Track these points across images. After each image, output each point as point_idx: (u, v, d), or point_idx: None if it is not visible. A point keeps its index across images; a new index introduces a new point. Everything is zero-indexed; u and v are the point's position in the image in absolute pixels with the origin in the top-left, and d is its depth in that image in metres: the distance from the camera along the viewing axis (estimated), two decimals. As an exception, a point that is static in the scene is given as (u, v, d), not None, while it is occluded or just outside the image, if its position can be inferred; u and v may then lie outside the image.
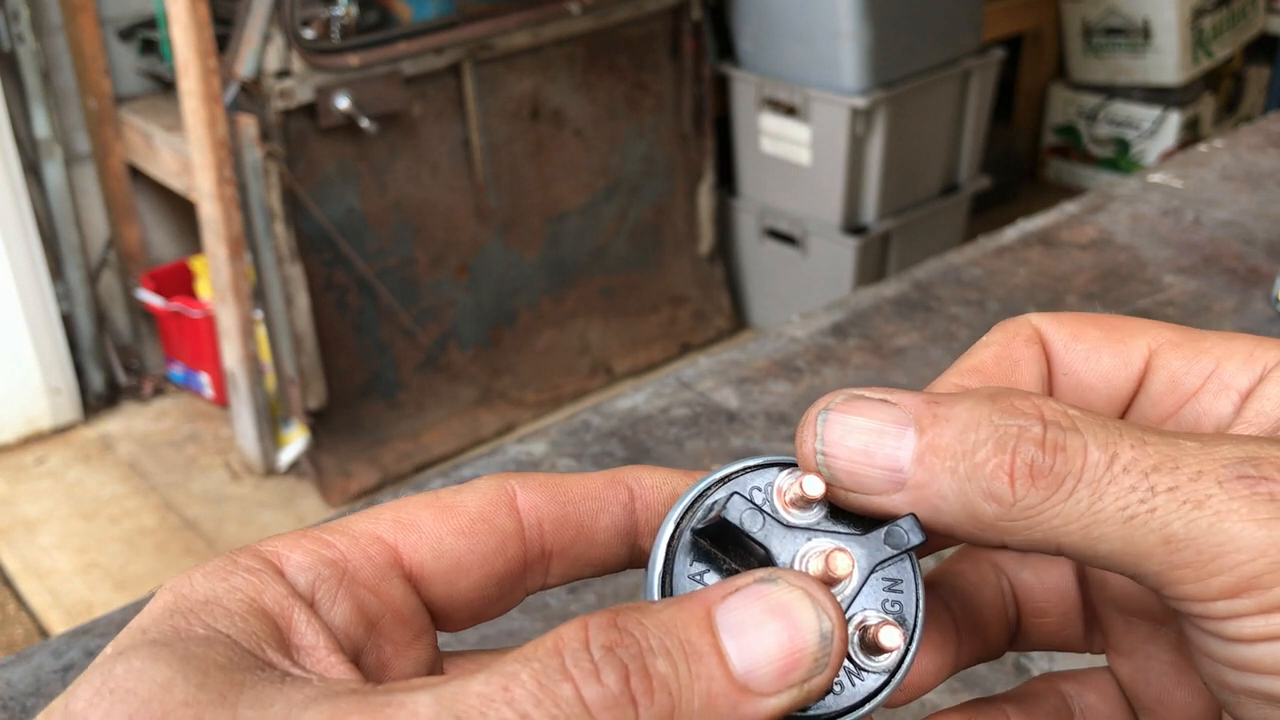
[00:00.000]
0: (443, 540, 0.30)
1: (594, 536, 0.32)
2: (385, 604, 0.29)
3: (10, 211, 2.76)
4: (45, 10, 2.76)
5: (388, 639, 0.29)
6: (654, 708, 0.24)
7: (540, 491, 0.32)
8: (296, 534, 0.29)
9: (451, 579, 0.30)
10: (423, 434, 2.84)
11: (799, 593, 0.26)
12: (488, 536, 0.31)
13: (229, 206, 2.49)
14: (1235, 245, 1.01)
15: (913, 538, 0.30)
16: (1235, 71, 3.86)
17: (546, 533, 0.32)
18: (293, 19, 2.39)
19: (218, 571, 0.27)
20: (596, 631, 0.24)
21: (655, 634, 0.25)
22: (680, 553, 0.30)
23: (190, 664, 0.24)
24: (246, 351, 2.66)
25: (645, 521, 0.33)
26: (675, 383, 0.84)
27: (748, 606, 0.26)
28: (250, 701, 0.23)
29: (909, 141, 2.97)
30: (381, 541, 0.30)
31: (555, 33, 2.79)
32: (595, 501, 0.32)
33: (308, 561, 0.28)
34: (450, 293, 2.85)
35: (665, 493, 0.33)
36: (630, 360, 3.18)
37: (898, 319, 0.91)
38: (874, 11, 2.75)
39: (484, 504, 0.31)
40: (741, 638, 0.25)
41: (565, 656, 0.24)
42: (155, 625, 0.26)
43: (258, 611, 0.27)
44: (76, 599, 2.43)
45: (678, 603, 0.26)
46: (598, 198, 3.04)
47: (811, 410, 0.29)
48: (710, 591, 0.26)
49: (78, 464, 2.86)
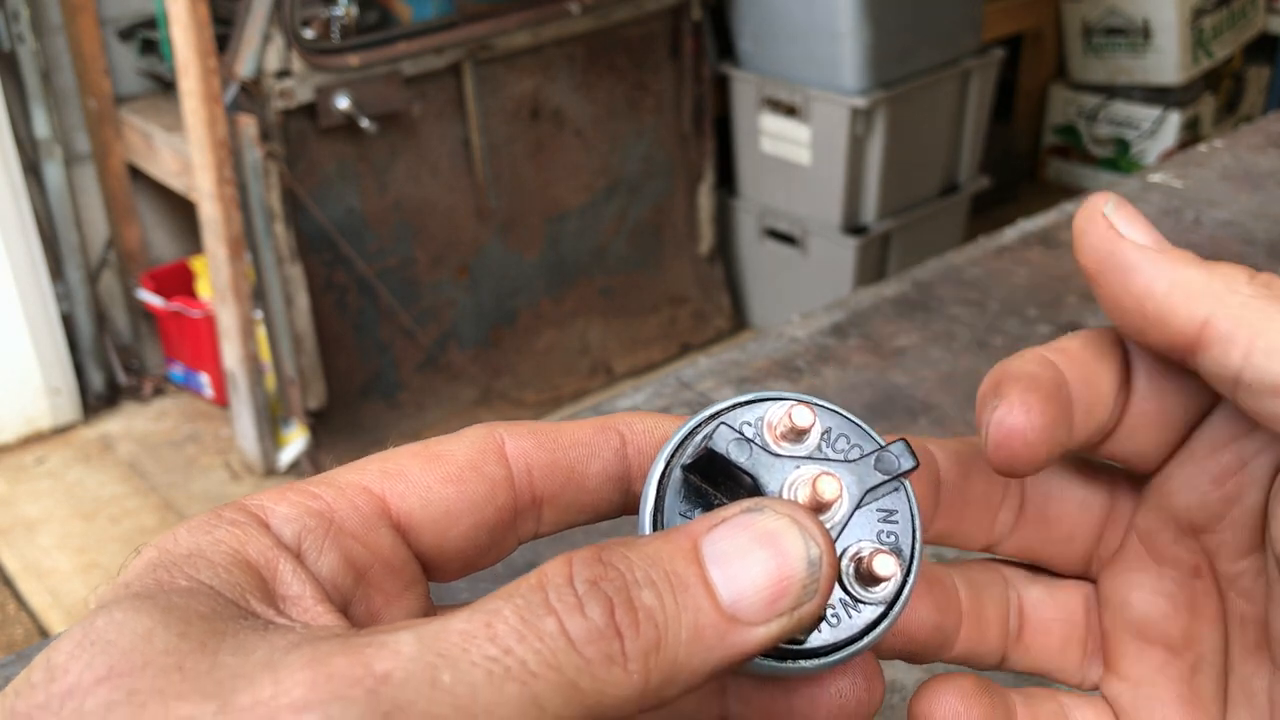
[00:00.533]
0: (431, 488, 0.30)
1: (585, 482, 0.32)
2: (374, 554, 0.29)
3: (10, 211, 2.76)
4: (45, 10, 2.76)
5: (377, 589, 0.29)
6: (640, 640, 0.23)
7: (529, 438, 0.31)
8: (282, 488, 0.29)
9: (441, 527, 0.30)
10: (423, 434, 2.81)
11: (785, 520, 0.26)
12: (476, 484, 0.30)
13: (229, 206, 2.49)
14: (1235, 245, 1.01)
15: (904, 463, 0.30)
16: (1235, 71, 3.86)
17: (536, 479, 0.31)
18: (293, 19, 2.39)
19: (201, 525, 0.27)
20: (580, 566, 0.24)
21: (640, 567, 0.24)
22: (671, 491, 0.30)
23: (171, 614, 0.24)
24: (246, 351, 2.67)
25: (638, 466, 0.32)
26: (675, 383, 0.84)
27: (734, 536, 0.25)
28: (232, 649, 0.23)
29: (909, 141, 2.97)
30: (368, 491, 0.30)
31: (555, 33, 2.79)
32: (586, 447, 0.32)
33: (293, 513, 0.28)
34: (450, 293, 2.85)
35: (657, 437, 0.32)
36: (630, 360, 3.18)
37: (898, 319, 0.91)
38: (874, 11, 2.75)
39: (472, 451, 0.31)
40: (728, 568, 0.25)
41: (549, 591, 0.23)
42: (138, 579, 0.25)
43: (241, 563, 0.26)
44: (76, 599, 2.43)
45: (663, 536, 0.26)
46: (598, 198, 3.04)
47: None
48: (696, 524, 0.26)
49: (78, 464, 2.86)
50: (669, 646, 0.24)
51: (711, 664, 0.24)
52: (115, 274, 3.06)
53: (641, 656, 0.23)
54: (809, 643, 0.28)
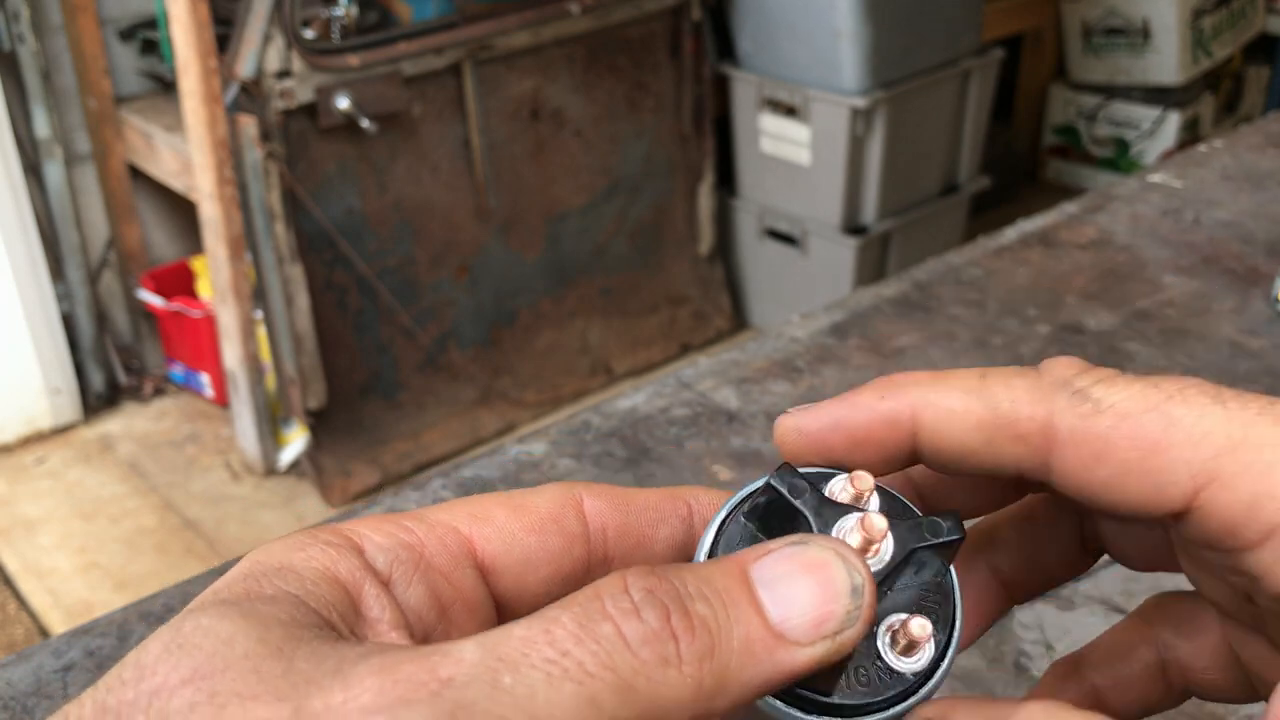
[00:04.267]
0: (515, 536, 0.31)
1: (653, 547, 0.33)
2: (457, 592, 0.30)
3: (10, 211, 2.76)
4: (45, 10, 2.76)
5: (456, 626, 0.30)
6: (695, 644, 0.24)
7: (605, 499, 0.33)
8: (377, 518, 0.30)
9: (520, 574, 0.32)
10: (423, 434, 2.84)
11: (830, 552, 0.27)
12: (557, 536, 0.32)
13: (229, 206, 2.49)
14: (1235, 245, 1.01)
15: (952, 532, 0.30)
16: (1235, 72, 3.86)
17: (610, 538, 0.33)
18: (293, 19, 2.39)
19: (297, 543, 0.28)
20: (635, 578, 0.25)
21: (693, 583, 0.26)
22: (725, 539, 0.31)
23: (253, 620, 0.25)
24: (247, 351, 2.67)
25: (701, 536, 0.34)
26: (675, 383, 0.84)
27: (781, 564, 0.27)
28: (306, 655, 0.24)
29: (909, 142, 2.97)
30: (457, 532, 0.31)
31: (555, 33, 2.79)
32: (656, 513, 0.33)
33: (387, 543, 0.30)
34: (450, 293, 2.85)
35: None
36: (630, 360, 3.18)
37: (898, 319, 0.91)
38: (874, 11, 2.75)
39: (553, 506, 0.32)
40: (776, 590, 0.26)
41: (605, 600, 0.24)
42: (228, 587, 0.27)
43: (330, 579, 0.28)
44: (76, 599, 2.43)
45: (714, 561, 0.27)
46: (598, 198, 3.04)
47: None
48: (745, 553, 0.27)
49: (78, 464, 2.86)
50: (722, 654, 0.25)
51: (760, 679, 0.25)
52: (115, 274, 3.07)
53: (696, 660, 0.24)
54: (836, 697, 0.29)
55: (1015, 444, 0.30)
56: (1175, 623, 0.34)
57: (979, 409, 0.30)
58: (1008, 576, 0.35)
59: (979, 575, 0.35)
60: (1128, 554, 0.35)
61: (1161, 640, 0.34)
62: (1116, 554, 0.35)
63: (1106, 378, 0.30)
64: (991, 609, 0.36)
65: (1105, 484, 0.29)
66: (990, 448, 0.31)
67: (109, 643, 0.62)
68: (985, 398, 0.30)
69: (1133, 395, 0.29)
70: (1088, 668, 0.35)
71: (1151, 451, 0.28)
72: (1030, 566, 0.35)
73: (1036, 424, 0.30)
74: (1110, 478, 0.29)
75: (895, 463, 0.32)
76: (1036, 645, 0.62)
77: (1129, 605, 0.64)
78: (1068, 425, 0.30)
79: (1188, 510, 0.29)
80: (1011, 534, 0.36)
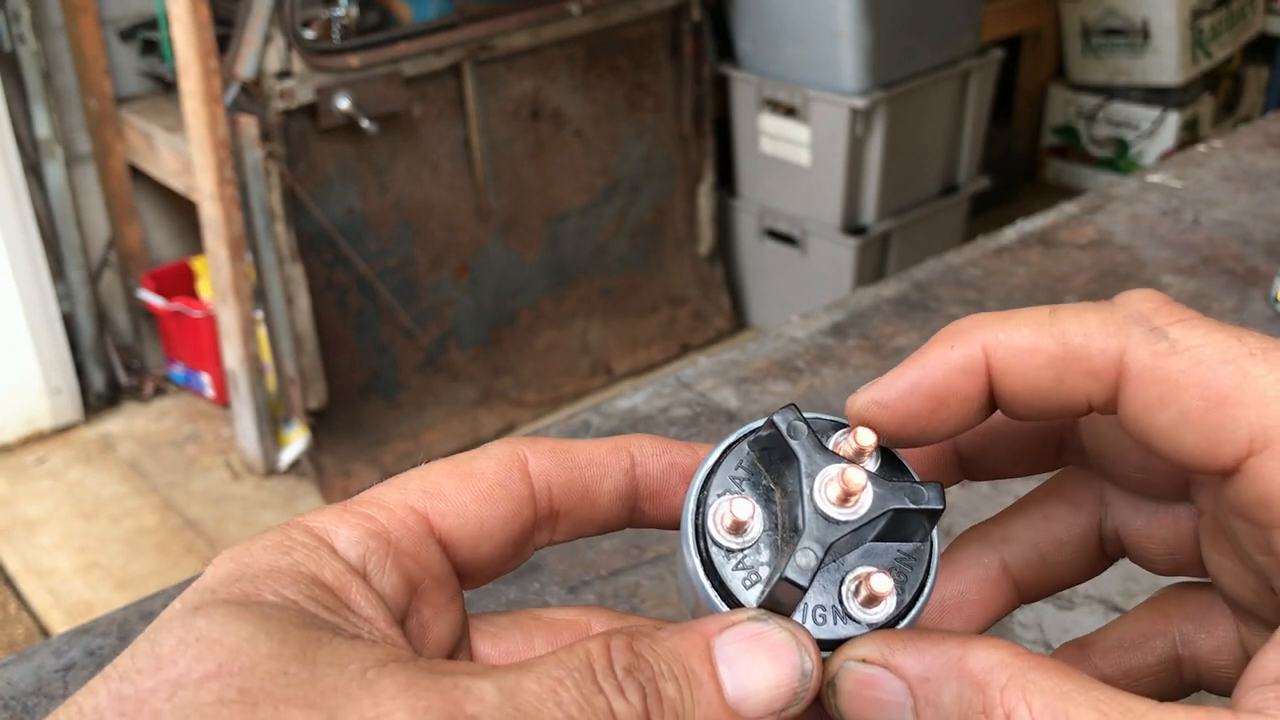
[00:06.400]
0: (466, 507, 0.32)
1: (597, 500, 0.34)
2: (425, 570, 0.31)
3: (11, 212, 2.76)
4: (46, 10, 2.76)
5: (427, 602, 0.31)
6: None
7: (549, 457, 0.34)
8: (337, 508, 0.31)
9: (475, 542, 0.33)
10: (423, 434, 2.84)
11: (787, 635, 0.30)
12: (505, 502, 0.33)
13: (230, 207, 2.49)
14: (1234, 245, 1.01)
15: (932, 501, 0.31)
16: (1234, 72, 3.86)
17: (555, 495, 0.34)
18: (293, 19, 2.40)
19: (276, 546, 0.29)
20: (617, 654, 0.28)
21: (664, 660, 0.28)
22: (722, 469, 0.32)
23: (269, 622, 0.26)
24: (247, 351, 2.67)
25: (644, 486, 0.35)
26: (675, 383, 0.84)
27: (742, 643, 0.29)
28: (328, 659, 0.25)
29: (908, 142, 2.97)
30: (415, 511, 0.32)
31: (555, 33, 2.79)
32: (600, 467, 0.34)
33: (355, 535, 0.30)
34: (450, 293, 2.85)
35: (664, 461, 0.35)
36: (630, 360, 3.18)
37: (897, 319, 0.91)
38: (873, 12, 2.75)
39: (499, 469, 0.33)
40: (736, 669, 0.29)
41: (597, 673, 0.27)
42: (223, 587, 0.27)
43: (319, 583, 0.28)
44: (77, 599, 2.43)
45: (681, 632, 0.30)
46: (598, 198, 3.05)
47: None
48: (709, 623, 0.30)
49: (78, 464, 2.86)
50: None
51: None
52: (116, 274, 3.07)
53: None
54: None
55: (1086, 379, 0.30)
56: (1195, 617, 0.34)
57: (1050, 344, 0.30)
58: (1019, 575, 0.36)
59: (991, 571, 0.35)
60: (1151, 554, 0.34)
61: (1181, 634, 0.34)
62: (1138, 555, 0.35)
63: (1187, 319, 0.29)
64: (999, 606, 0.36)
65: (1164, 430, 0.29)
66: (1062, 385, 0.30)
67: (109, 642, 0.62)
68: (1055, 333, 0.30)
69: (1214, 343, 0.28)
70: (1096, 656, 0.35)
71: (1219, 404, 0.28)
72: (1043, 566, 0.36)
73: (1109, 358, 0.29)
74: (1170, 425, 0.28)
75: (979, 414, 0.32)
76: (1036, 645, 0.62)
77: (1128, 605, 0.64)
78: (1140, 362, 0.29)
79: (1236, 471, 0.28)
80: (1027, 533, 0.36)
